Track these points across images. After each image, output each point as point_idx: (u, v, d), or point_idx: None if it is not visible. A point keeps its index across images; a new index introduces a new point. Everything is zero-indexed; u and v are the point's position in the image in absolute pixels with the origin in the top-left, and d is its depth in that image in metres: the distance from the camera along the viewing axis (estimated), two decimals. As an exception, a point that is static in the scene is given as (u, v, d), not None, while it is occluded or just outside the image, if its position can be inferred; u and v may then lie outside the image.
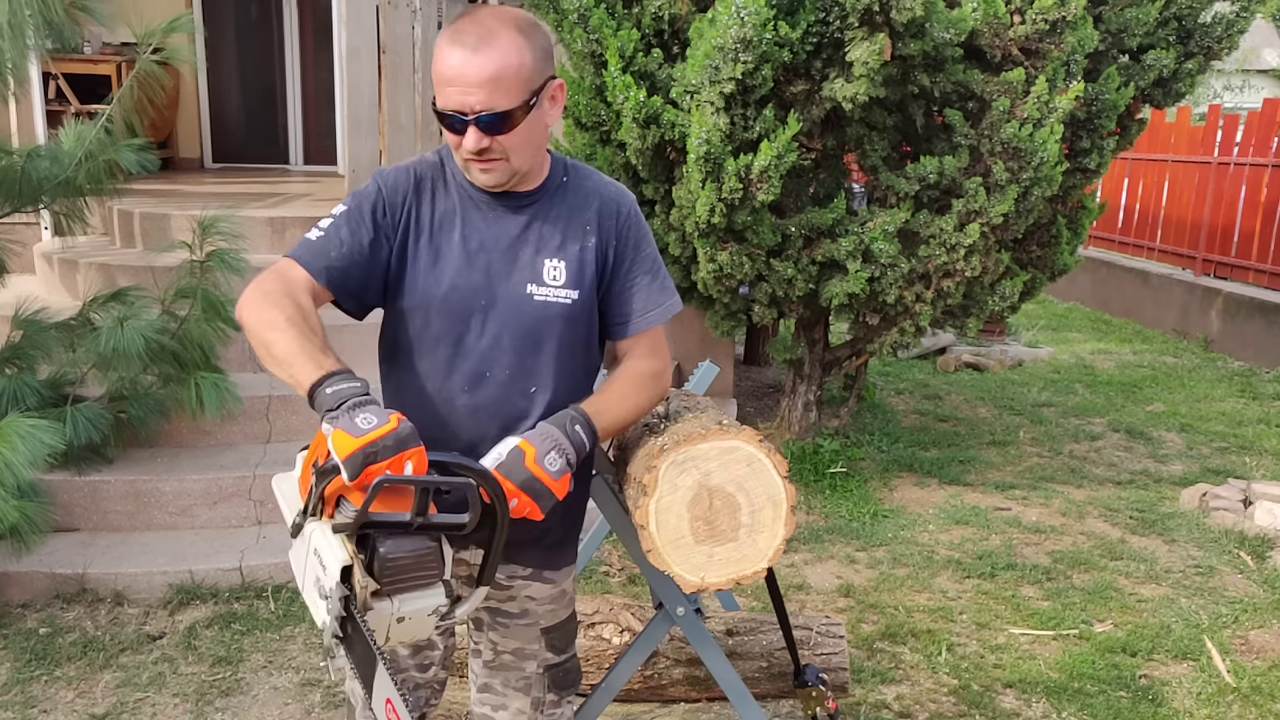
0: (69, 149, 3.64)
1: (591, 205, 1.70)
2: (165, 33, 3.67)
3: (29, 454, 3.08)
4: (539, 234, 1.67)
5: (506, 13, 1.55)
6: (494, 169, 1.58)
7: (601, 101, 4.18)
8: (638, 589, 3.60)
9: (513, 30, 1.51)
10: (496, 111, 1.50)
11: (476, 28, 1.49)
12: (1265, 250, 7.97)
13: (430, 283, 1.64)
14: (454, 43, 1.49)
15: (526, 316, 1.64)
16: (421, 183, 1.67)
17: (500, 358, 1.64)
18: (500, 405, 1.65)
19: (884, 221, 4.14)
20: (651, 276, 1.72)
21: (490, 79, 1.48)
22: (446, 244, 1.65)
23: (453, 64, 1.49)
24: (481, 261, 1.64)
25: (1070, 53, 4.10)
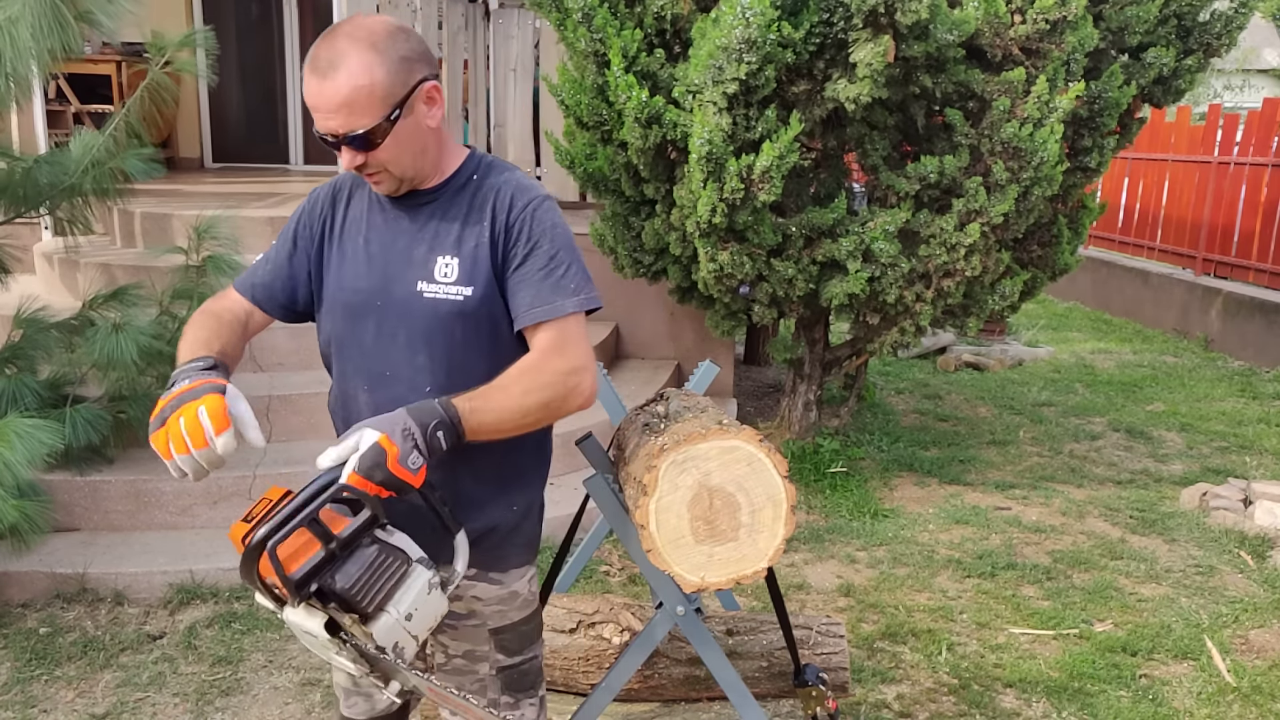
0: (75, 156, 3.65)
1: (489, 200, 1.68)
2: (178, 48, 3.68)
3: (27, 454, 3.08)
4: (435, 232, 1.67)
5: (362, 27, 1.53)
6: (380, 180, 1.62)
7: (603, 101, 4.18)
8: (638, 589, 3.60)
9: (364, 49, 1.50)
10: (357, 133, 1.52)
11: (327, 52, 1.50)
12: (1265, 250, 7.96)
13: (336, 286, 1.71)
14: (309, 69, 1.51)
15: (418, 315, 1.65)
16: (339, 192, 1.75)
17: (396, 356, 1.66)
18: (399, 404, 1.58)
19: (884, 221, 4.14)
20: (546, 274, 1.64)
21: (343, 104, 1.50)
22: (352, 247, 1.71)
23: (310, 91, 1.51)
24: (379, 262, 1.68)
25: (1071, 52, 4.10)
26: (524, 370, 1.60)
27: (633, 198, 4.57)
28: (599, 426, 4.28)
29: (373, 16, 1.57)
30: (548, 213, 1.67)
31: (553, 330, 1.62)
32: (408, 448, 1.45)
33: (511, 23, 5.63)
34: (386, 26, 1.55)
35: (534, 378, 1.59)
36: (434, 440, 1.48)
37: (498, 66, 5.68)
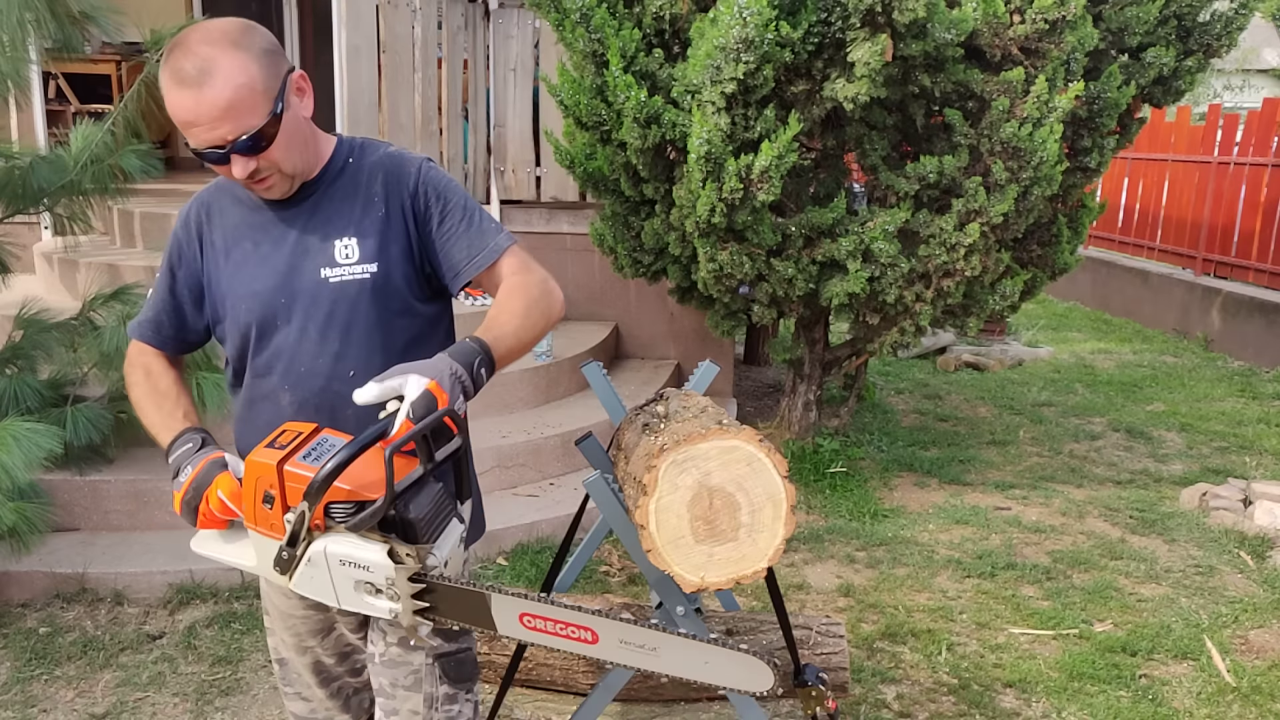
0: (74, 153, 3.64)
1: (376, 177, 1.66)
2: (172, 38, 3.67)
3: (25, 457, 3.08)
4: (326, 218, 1.64)
5: (214, 30, 1.49)
6: (272, 185, 1.58)
7: (602, 101, 4.18)
8: (638, 589, 3.60)
9: (229, 49, 1.46)
10: (250, 134, 1.48)
11: (193, 60, 1.44)
12: (1265, 250, 7.97)
13: (234, 296, 1.66)
14: (174, 83, 1.44)
15: (325, 300, 1.62)
16: (210, 208, 1.70)
17: (310, 348, 1.64)
18: (323, 395, 1.64)
19: (884, 221, 4.14)
20: (467, 224, 1.66)
21: (228, 109, 1.45)
22: (241, 254, 1.66)
23: (183, 107, 1.45)
24: (274, 261, 1.64)
25: (1070, 52, 4.10)
26: (511, 292, 1.62)
27: (632, 198, 4.57)
28: (599, 426, 4.29)
29: (217, 20, 1.52)
30: (437, 171, 1.69)
31: (506, 262, 1.66)
32: (456, 393, 1.44)
33: (511, 23, 5.63)
34: (238, 25, 1.51)
35: (524, 295, 1.62)
36: (479, 377, 1.50)
37: (497, 66, 5.68)
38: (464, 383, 1.47)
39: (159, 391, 1.70)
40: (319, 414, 1.61)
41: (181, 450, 1.59)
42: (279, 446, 1.43)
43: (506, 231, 1.69)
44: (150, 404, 1.69)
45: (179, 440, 1.61)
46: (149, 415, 1.69)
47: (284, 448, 1.42)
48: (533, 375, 4.76)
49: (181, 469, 1.56)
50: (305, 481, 1.36)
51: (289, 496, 1.40)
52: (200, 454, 1.56)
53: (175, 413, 1.67)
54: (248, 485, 1.43)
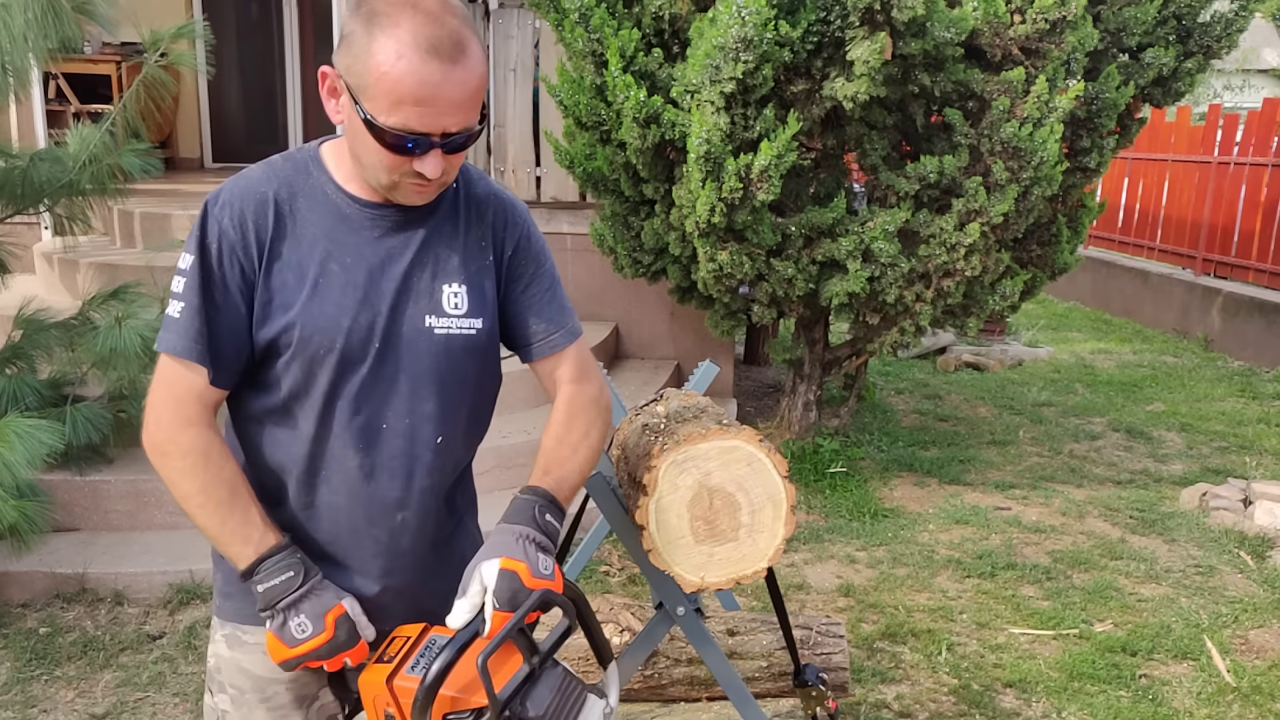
0: (73, 152, 3.64)
1: (486, 215, 1.47)
2: (172, 39, 3.67)
3: (27, 454, 3.08)
4: (435, 254, 1.41)
5: (454, 5, 1.28)
6: (434, 190, 1.36)
7: (602, 101, 4.18)
8: (638, 589, 3.60)
9: (468, 27, 1.28)
10: (471, 130, 1.30)
11: (445, 33, 1.23)
12: (1265, 250, 7.97)
13: (306, 325, 1.34)
14: (427, 53, 1.22)
15: (426, 355, 1.40)
16: (278, 208, 1.36)
17: (398, 405, 1.39)
18: (402, 461, 1.40)
19: (884, 221, 4.14)
20: (552, 294, 1.51)
21: (471, 97, 1.27)
22: (325, 277, 1.36)
23: (431, 81, 1.22)
24: (371, 292, 1.37)
25: (1070, 52, 4.10)
26: (572, 415, 1.50)
27: (632, 197, 4.57)
28: (599, 426, 4.29)
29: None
30: (536, 226, 1.54)
31: (573, 356, 1.52)
32: (533, 554, 1.31)
33: (511, 23, 5.63)
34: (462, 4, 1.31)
35: (582, 420, 1.50)
36: (548, 526, 1.37)
37: (497, 66, 5.68)
38: (537, 540, 1.34)
39: (225, 483, 1.34)
40: (393, 482, 1.40)
41: (280, 581, 1.32)
42: (387, 659, 1.28)
43: (576, 316, 1.56)
44: (213, 502, 1.34)
45: (269, 563, 1.33)
46: (212, 517, 1.34)
47: (392, 660, 1.28)
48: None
49: (293, 612, 1.31)
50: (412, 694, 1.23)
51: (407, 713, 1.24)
52: (316, 597, 1.32)
53: (251, 515, 1.35)
54: (367, 708, 1.28)
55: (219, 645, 1.51)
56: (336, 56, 1.29)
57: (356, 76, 1.25)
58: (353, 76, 1.26)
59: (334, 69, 1.30)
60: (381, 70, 1.22)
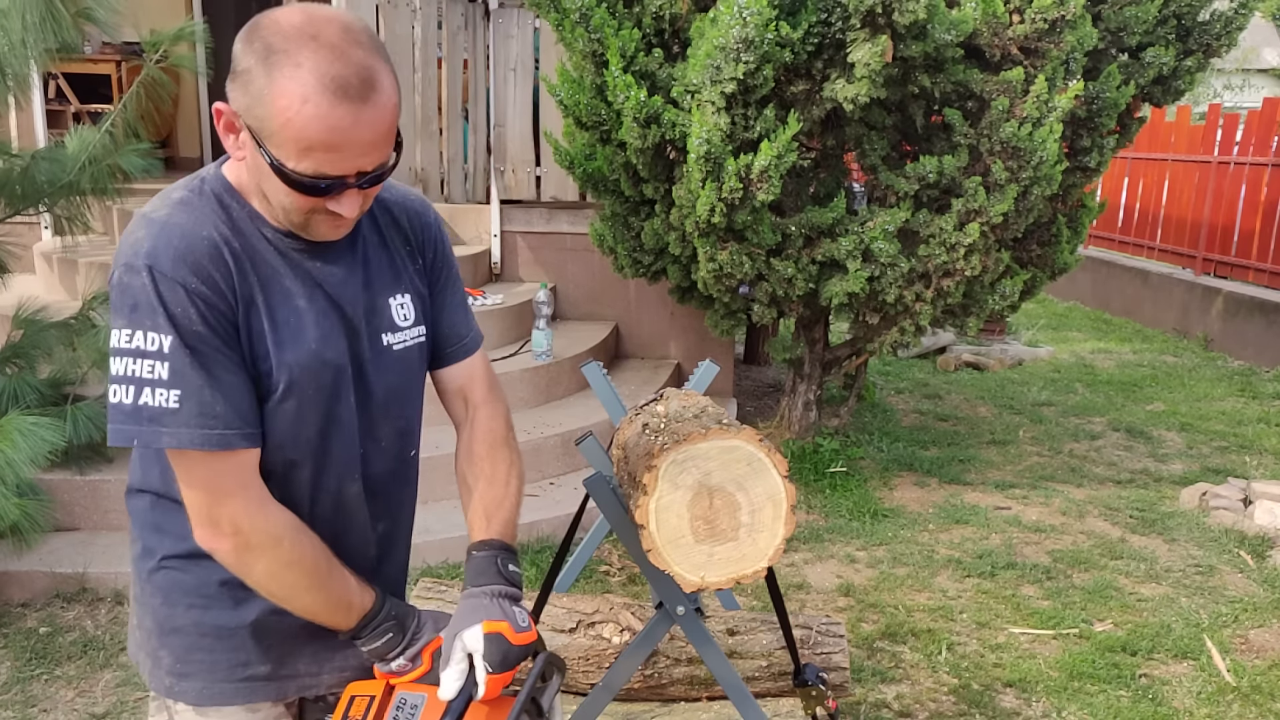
0: (72, 153, 3.65)
1: (401, 222, 1.41)
2: (172, 41, 3.68)
3: (30, 452, 3.08)
4: (376, 270, 1.36)
5: (355, 29, 1.16)
6: (350, 225, 1.27)
7: (602, 101, 4.18)
8: (638, 589, 3.61)
9: (377, 56, 1.16)
10: (386, 165, 1.21)
11: (353, 67, 1.12)
12: (1265, 249, 7.97)
13: (282, 370, 1.25)
14: (336, 95, 1.11)
15: (391, 372, 1.37)
16: (231, 245, 1.23)
17: (379, 425, 1.37)
18: (389, 480, 1.40)
19: (884, 221, 4.14)
20: (459, 299, 1.47)
21: (385, 134, 1.18)
22: (291, 314, 1.26)
23: (339, 126, 1.12)
24: (340, 320, 1.31)
25: (1069, 51, 4.10)
26: (493, 448, 1.47)
27: (632, 198, 4.57)
28: (599, 426, 4.29)
29: (338, 10, 1.19)
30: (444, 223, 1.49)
31: (481, 371, 1.50)
32: (510, 610, 1.32)
33: (511, 22, 5.63)
34: (359, 21, 1.20)
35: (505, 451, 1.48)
36: (513, 576, 1.37)
37: (497, 66, 5.68)
38: (509, 594, 1.34)
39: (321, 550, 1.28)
40: (386, 502, 1.41)
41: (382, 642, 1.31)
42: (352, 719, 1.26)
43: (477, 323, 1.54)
44: (320, 578, 1.27)
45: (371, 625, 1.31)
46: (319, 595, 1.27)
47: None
48: (533, 375, 4.76)
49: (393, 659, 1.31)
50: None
51: None
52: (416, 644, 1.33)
53: (346, 577, 1.30)
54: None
55: None
56: (231, 94, 1.18)
57: (258, 120, 1.14)
58: (254, 119, 1.15)
59: (229, 107, 1.19)
60: (286, 117, 1.11)
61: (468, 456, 1.47)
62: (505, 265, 5.81)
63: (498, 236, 5.75)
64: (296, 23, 1.13)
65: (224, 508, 1.21)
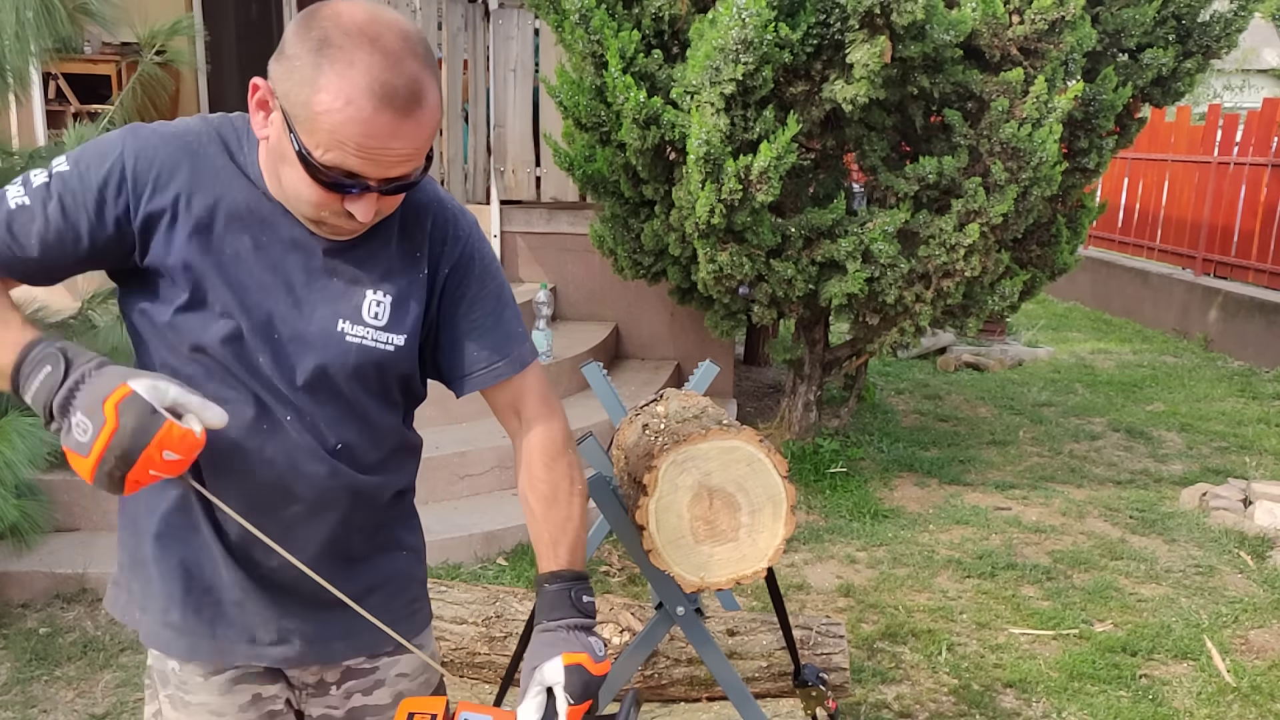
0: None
1: (424, 224, 1.32)
2: (168, 36, 3.67)
3: (29, 452, 3.08)
4: (361, 256, 1.28)
5: (411, 35, 1.15)
6: (361, 230, 1.24)
7: (602, 102, 4.18)
8: (638, 589, 3.60)
9: (427, 67, 1.15)
10: (412, 178, 1.19)
11: (405, 81, 1.11)
12: (1265, 250, 7.97)
13: (209, 279, 1.22)
14: (382, 103, 1.10)
15: (332, 360, 1.27)
16: (199, 161, 1.23)
17: (290, 400, 1.27)
18: (291, 456, 1.28)
19: (884, 222, 4.14)
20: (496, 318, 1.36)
21: (420, 147, 1.16)
22: (232, 249, 1.23)
23: (378, 133, 1.11)
24: (281, 276, 1.25)
25: (1069, 52, 4.10)
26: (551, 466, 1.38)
27: (632, 199, 4.57)
28: (599, 426, 4.29)
29: (400, 16, 1.18)
30: (484, 239, 1.38)
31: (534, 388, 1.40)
32: (586, 641, 1.30)
33: (511, 23, 5.64)
34: (414, 27, 1.18)
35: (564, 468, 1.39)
36: (587, 608, 1.33)
37: (497, 67, 5.68)
38: (584, 625, 1.31)
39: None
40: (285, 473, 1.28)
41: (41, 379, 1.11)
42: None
43: (530, 340, 1.41)
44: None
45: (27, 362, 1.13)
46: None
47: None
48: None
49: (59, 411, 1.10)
50: None
51: None
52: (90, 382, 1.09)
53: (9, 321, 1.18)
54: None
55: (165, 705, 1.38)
56: (273, 73, 1.15)
57: (296, 106, 1.12)
58: (291, 104, 1.13)
59: (268, 85, 1.16)
60: (325, 109, 1.10)
61: (527, 474, 1.39)
62: (505, 266, 5.81)
63: (497, 237, 5.75)
64: (359, 20, 1.12)
65: None
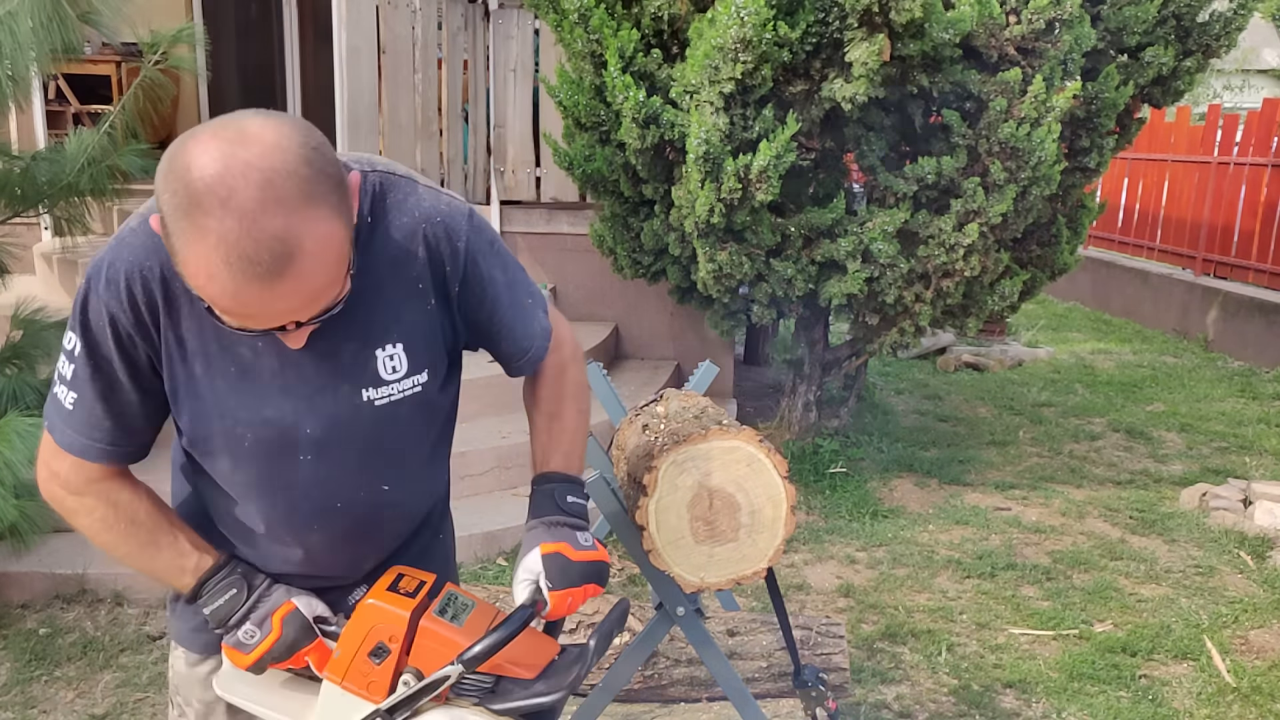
0: (72, 153, 3.64)
1: (417, 253, 1.23)
2: (171, 43, 3.68)
3: (28, 453, 3.07)
4: (359, 319, 1.21)
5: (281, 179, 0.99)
6: None
7: (601, 102, 4.18)
8: (638, 589, 3.60)
9: (305, 207, 1.00)
10: (332, 307, 1.10)
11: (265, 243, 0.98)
12: (1265, 250, 7.97)
13: (225, 418, 1.22)
14: (244, 273, 0.99)
15: (368, 425, 1.26)
16: (166, 286, 1.17)
17: (349, 480, 1.28)
18: (365, 529, 1.34)
19: (883, 222, 4.14)
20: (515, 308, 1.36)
21: (312, 297, 1.06)
22: (233, 367, 1.20)
23: (250, 302, 1.02)
24: (290, 380, 1.21)
25: (1067, 52, 4.10)
26: (559, 375, 1.45)
27: (631, 198, 4.57)
28: (599, 426, 4.28)
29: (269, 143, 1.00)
30: (482, 235, 1.30)
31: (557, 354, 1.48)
32: (568, 533, 1.32)
33: (511, 23, 5.63)
34: (302, 152, 1.02)
35: (567, 377, 1.46)
36: (573, 507, 1.36)
37: (497, 67, 5.68)
38: (567, 523, 1.33)
39: (141, 526, 1.28)
40: (350, 543, 1.34)
41: (224, 600, 1.27)
42: (403, 593, 1.23)
43: (542, 296, 1.42)
44: (137, 544, 1.28)
45: (211, 584, 1.28)
46: (140, 559, 1.29)
47: (410, 595, 1.23)
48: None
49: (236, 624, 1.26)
50: (444, 641, 1.19)
51: (415, 655, 1.20)
52: (264, 602, 1.27)
53: (180, 545, 1.29)
54: (354, 631, 1.22)
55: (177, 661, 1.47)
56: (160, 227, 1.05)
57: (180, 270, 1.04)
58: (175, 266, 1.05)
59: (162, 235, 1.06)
60: (197, 283, 1.02)
61: (531, 390, 1.47)
62: (505, 266, 5.80)
63: (497, 237, 5.74)
64: (209, 177, 0.98)
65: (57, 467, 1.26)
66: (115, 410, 1.22)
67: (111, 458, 1.25)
